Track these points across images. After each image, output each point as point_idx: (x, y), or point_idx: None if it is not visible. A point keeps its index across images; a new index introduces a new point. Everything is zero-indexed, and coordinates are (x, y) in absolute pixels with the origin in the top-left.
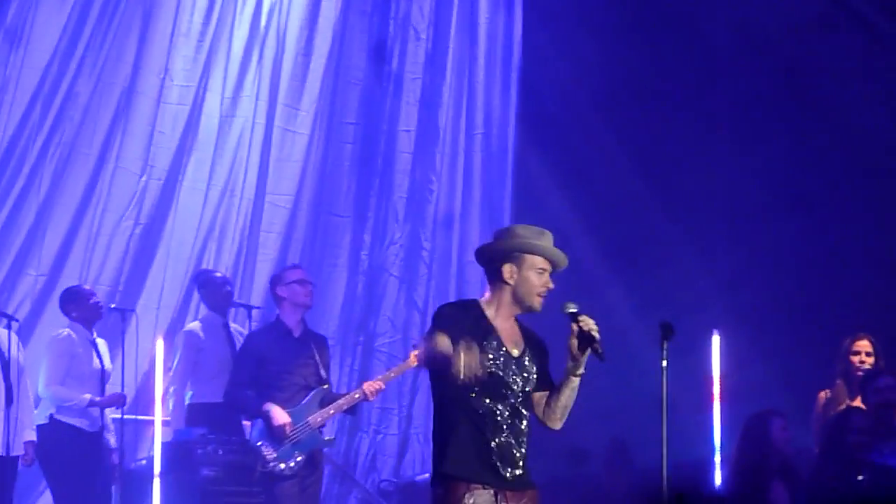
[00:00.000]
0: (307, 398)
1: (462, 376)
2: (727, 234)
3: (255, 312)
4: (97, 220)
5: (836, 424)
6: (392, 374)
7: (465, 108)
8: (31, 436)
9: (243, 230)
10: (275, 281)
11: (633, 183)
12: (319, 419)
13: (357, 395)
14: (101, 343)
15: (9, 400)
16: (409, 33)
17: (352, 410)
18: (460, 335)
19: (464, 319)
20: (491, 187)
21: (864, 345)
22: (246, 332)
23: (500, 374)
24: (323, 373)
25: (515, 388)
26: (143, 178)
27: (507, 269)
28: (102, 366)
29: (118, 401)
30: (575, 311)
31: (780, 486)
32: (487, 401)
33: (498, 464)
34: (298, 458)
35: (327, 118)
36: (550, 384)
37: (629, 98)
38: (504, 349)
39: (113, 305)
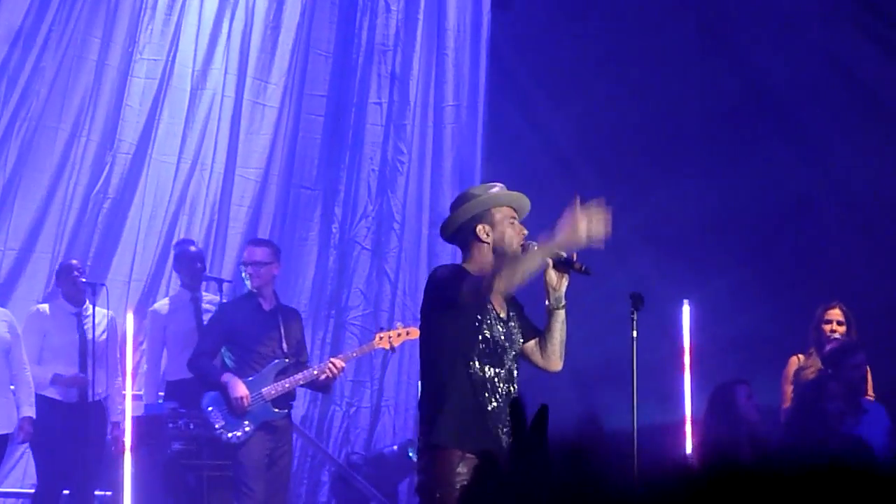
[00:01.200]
0: (264, 370)
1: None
2: (697, 203)
3: (225, 286)
4: (69, 195)
5: (812, 390)
6: (354, 354)
7: (435, 80)
8: (28, 412)
9: (213, 204)
10: (241, 257)
11: (603, 152)
12: (273, 392)
13: (315, 372)
14: (99, 312)
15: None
16: (378, 5)
17: (325, 388)
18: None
19: (461, 276)
20: (461, 160)
21: (835, 313)
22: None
23: (497, 337)
24: (285, 345)
25: (510, 350)
26: (112, 153)
27: (481, 229)
28: (82, 337)
29: (76, 381)
30: (536, 245)
31: (748, 454)
32: (486, 366)
33: (498, 431)
34: (247, 428)
35: (297, 91)
36: (537, 330)
37: (600, 68)
38: (496, 312)
39: (83, 279)
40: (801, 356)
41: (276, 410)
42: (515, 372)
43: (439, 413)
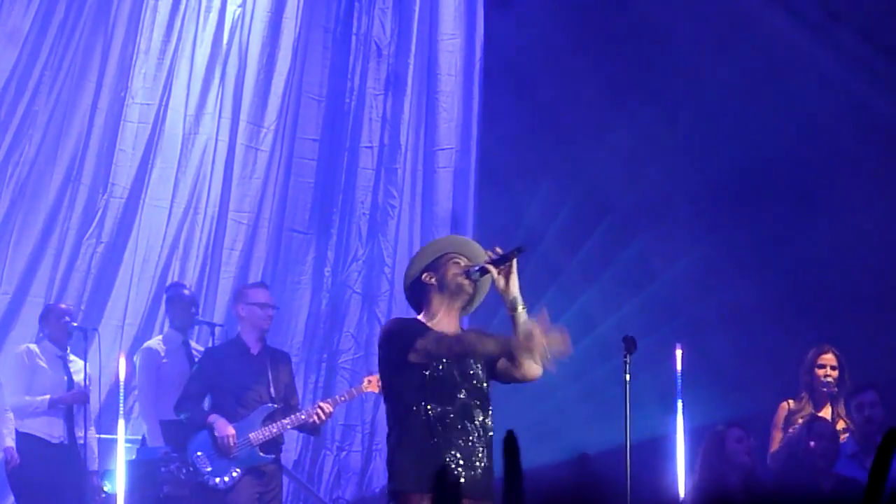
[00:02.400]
0: (252, 414)
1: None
2: (690, 245)
3: (217, 330)
4: (62, 239)
5: (800, 433)
6: (342, 399)
7: (426, 125)
8: (9, 442)
9: (206, 247)
10: (237, 297)
11: (601, 196)
12: (260, 436)
13: (303, 416)
14: (78, 362)
15: None
16: (371, 49)
17: (315, 431)
18: (400, 337)
19: (405, 326)
20: (454, 204)
21: (828, 358)
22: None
23: (447, 375)
24: (273, 390)
25: (464, 386)
26: (105, 197)
27: (426, 276)
28: (69, 379)
29: (80, 397)
30: (478, 268)
31: (741, 498)
32: (436, 406)
33: (454, 467)
34: (234, 473)
35: (289, 135)
36: (505, 344)
37: (596, 109)
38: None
39: (75, 324)
40: (791, 401)
41: (263, 455)
42: (476, 403)
43: (396, 458)
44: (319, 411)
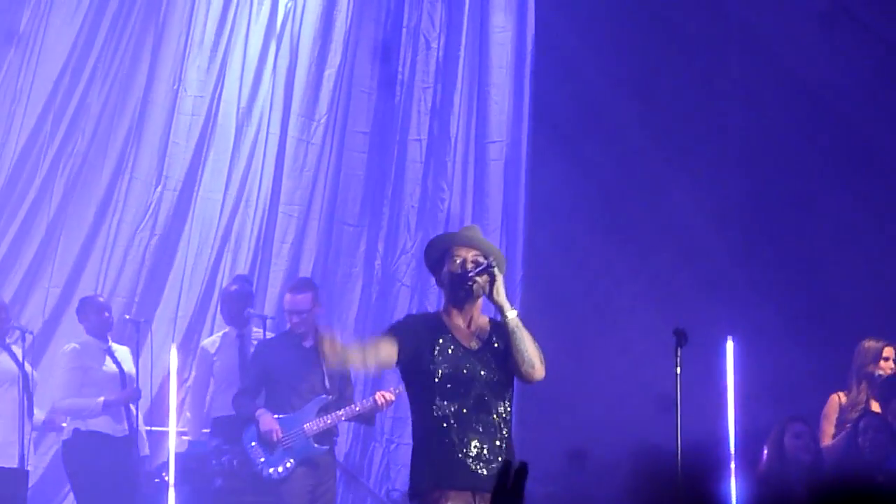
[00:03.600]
0: (307, 406)
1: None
2: (741, 239)
3: (268, 322)
4: (113, 232)
5: (854, 428)
6: (398, 391)
7: (476, 117)
8: (63, 436)
9: (258, 240)
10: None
11: (650, 189)
12: (315, 427)
13: (358, 408)
14: (123, 350)
15: (28, 413)
16: (419, 42)
17: (368, 420)
18: (405, 335)
19: (417, 324)
20: (505, 196)
21: (891, 351)
22: None
23: (456, 371)
24: (327, 382)
25: (479, 380)
26: (159, 189)
27: (436, 280)
28: (121, 370)
29: (132, 396)
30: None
31: (800, 492)
32: (446, 402)
33: (469, 462)
34: (288, 464)
35: (340, 128)
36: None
37: (644, 103)
38: (459, 346)
39: (128, 317)
40: (841, 394)
41: (317, 446)
42: (492, 394)
43: (414, 458)
44: (382, 397)
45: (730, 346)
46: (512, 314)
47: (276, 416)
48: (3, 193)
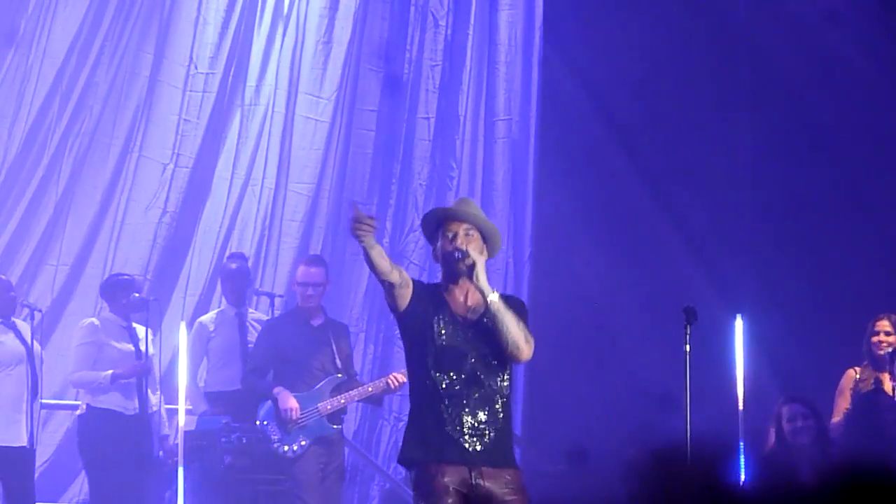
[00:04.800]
0: (319, 385)
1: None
2: (750, 216)
3: (277, 301)
4: (122, 210)
5: (865, 405)
6: (371, 390)
7: (486, 95)
8: (78, 412)
9: (265, 219)
10: (294, 273)
11: (656, 165)
12: (329, 407)
13: (370, 389)
14: (142, 330)
15: (34, 392)
16: (428, 20)
17: (376, 401)
18: (418, 296)
19: (425, 292)
20: (513, 173)
21: (883, 324)
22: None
23: (452, 343)
24: (338, 361)
25: (473, 352)
26: (171, 167)
27: (433, 253)
28: (137, 349)
29: (142, 370)
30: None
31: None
32: (440, 374)
33: (462, 438)
34: (303, 442)
35: (349, 106)
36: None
37: (653, 84)
38: (453, 319)
39: (137, 295)
40: (857, 369)
41: (331, 426)
42: (488, 365)
43: (408, 428)
44: (395, 380)
45: (739, 323)
46: (493, 297)
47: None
48: (11, 173)
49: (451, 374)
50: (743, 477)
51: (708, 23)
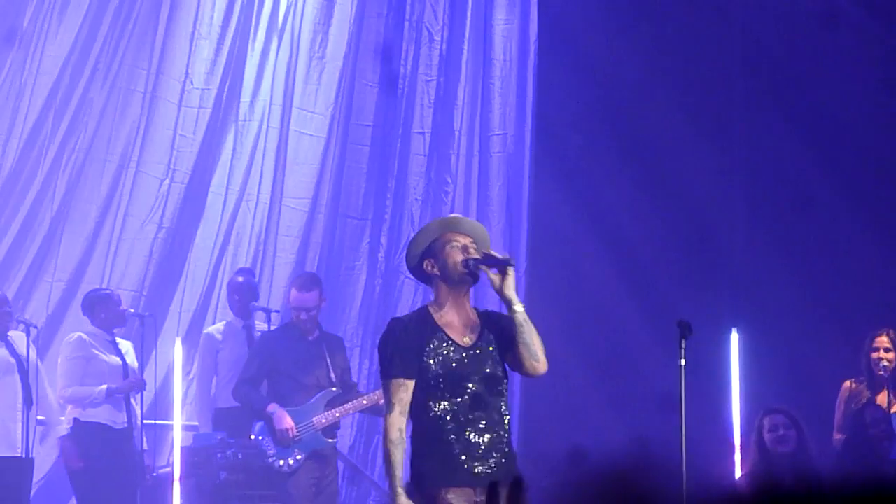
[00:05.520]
0: (314, 399)
1: None
2: (745, 231)
3: (273, 316)
4: (118, 226)
5: (854, 421)
6: (365, 403)
7: (480, 110)
8: (62, 431)
9: (259, 234)
10: (288, 290)
11: (649, 178)
12: (324, 420)
13: (365, 401)
14: (126, 343)
15: (27, 402)
16: (423, 35)
17: (375, 412)
18: (405, 359)
19: (406, 332)
20: (508, 188)
21: (882, 340)
22: None
23: (451, 370)
24: (333, 375)
25: (475, 376)
26: (167, 182)
27: (427, 264)
28: (124, 363)
29: (137, 385)
30: (473, 261)
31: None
32: (442, 401)
33: (465, 460)
34: (298, 457)
35: (343, 121)
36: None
37: (649, 96)
38: (452, 343)
39: (132, 310)
40: (853, 381)
41: (326, 440)
42: (489, 391)
43: (414, 455)
44: (374, 398)
45: (734, 337)
46: (520, 307)
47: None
48: (6, 189)
49: (455, 398)
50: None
51: (703, 34)
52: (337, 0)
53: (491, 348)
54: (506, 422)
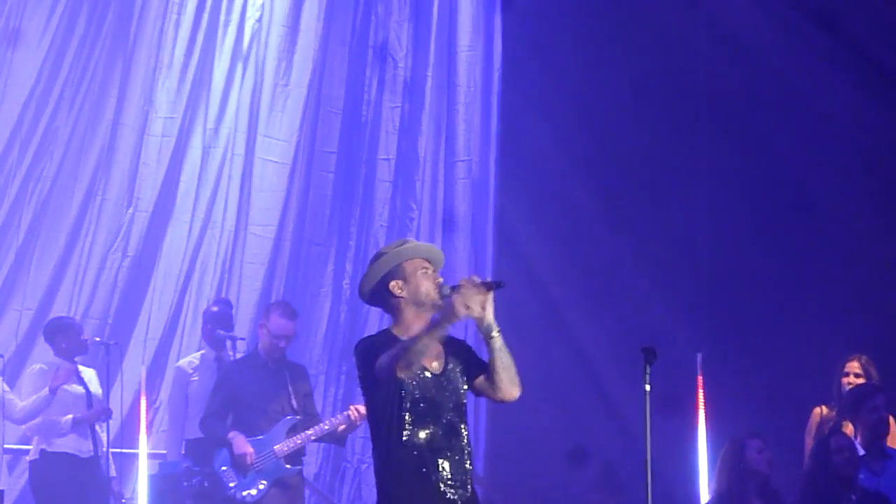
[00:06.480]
0: (275, 427)
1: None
2: (709, 255)
3: (238, 343)
4: (86, 254)
5: (820, 447)
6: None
7: (445, 136)
8: (33, 456)
9: (224, 262)
10: (263, 315)
11: (615, 204)
12: (285, 448)
13: (326, 426)
14: (89, 371)
15: None
16: (387, 62)
17: (339, 441)
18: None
19: (388, 345)
20: (473, 214)
21: (853, 366)
22: None
23: (427, 396)
24: (294, 402)
25: (448, 403)
26: (130, 211)
27: (394, 285)
28: (88, 391)
29: (103, 414)
30: (451, 287)
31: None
32: (419, 430)
33: (444, 489)
34: (261, 486)
35: (308, 148)
36: (485, 365)
37: (614, 120)
38: (424, 370)
39: (98, 339)
40: (823, 408)
41: (289, 467)
42: (459, 419)
43: (384, 484)
44: (355, 411)
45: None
46: (498, 334)
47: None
48: None
49: (428, 427)
50: None
51: (667, 58)
52: (301, 27)
53: (458, 376)
54: (470, 449)
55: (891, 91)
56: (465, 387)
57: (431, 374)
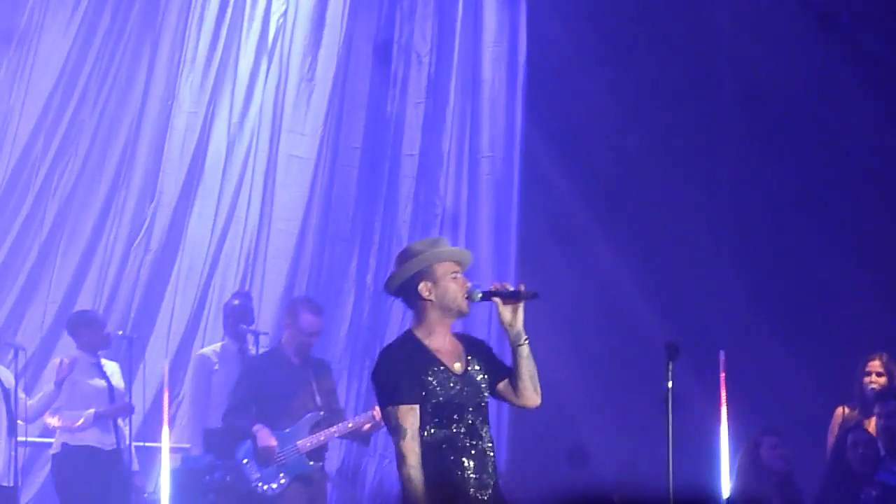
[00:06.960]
0: (299, 423)
1: None
2: (734, 253)
3: (261, 338)
4: (110, 248)
5: (839, 443)
6: (351, 426)
7: (470, 132)
8: (55, 449)
9: (248, 257)
10: (289, 312)
11: (646, 200)
12: (308, 444)
13: (350, 425)
14: (111, 365)
15: (11, 431)
16: (411, 57)
17: (363, 439)
18: (411, 387)
19: (409, 358)
20: (497, 211)
21: (874, 365)
22: None
23: (450, 398)
24: (318, 399)
25: (470, 405)
26: (153, 205)
27: (423, 287)
28: (109, 385)
29: (125, 410)
30: (482, 293)
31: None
32: (441, 430)
33: (472, 490)
34: (282, 480)
35: (332, 143)
36: (506, 370)
37: (636, 121)
38: (447, 371)
39: (120, 332)
40: (845, 407)
41: (311, 463)
42: (481, 420)
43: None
44: (379, 412)
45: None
46: (526, 342)
47: None
48: None
49: (453, 427)
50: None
51: (692, 67)
52: (326, 22)
53: (480, 377)
54: (493, 449)
55: None
56: (486, 387)
57: (453, 373)
